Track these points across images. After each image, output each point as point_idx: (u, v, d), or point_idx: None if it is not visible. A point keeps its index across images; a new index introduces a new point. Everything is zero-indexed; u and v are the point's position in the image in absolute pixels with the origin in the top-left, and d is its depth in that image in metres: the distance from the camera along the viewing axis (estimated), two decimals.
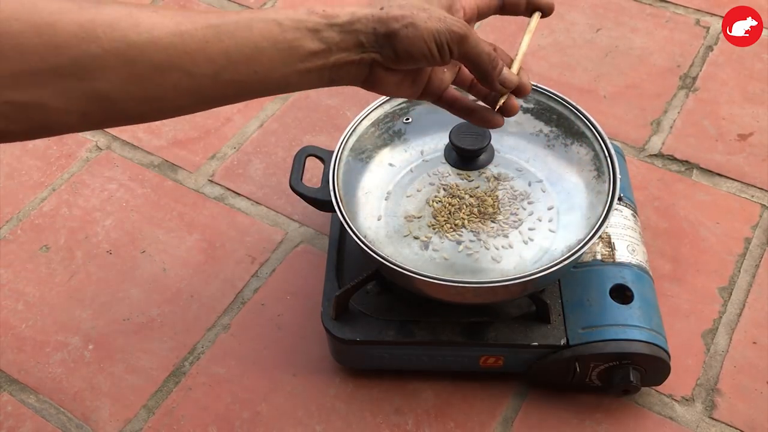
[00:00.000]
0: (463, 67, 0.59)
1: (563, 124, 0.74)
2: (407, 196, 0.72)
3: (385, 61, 0.52)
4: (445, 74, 0.58)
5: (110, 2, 0.47)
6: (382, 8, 0.51)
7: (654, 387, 0.72)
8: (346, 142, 0.72)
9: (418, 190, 0.72)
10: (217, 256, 0.84)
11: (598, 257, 0.71)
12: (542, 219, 0.69)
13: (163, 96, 0.48)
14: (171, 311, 0.80)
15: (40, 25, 0.44)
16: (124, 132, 0.97)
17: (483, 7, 0.58)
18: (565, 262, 0.62)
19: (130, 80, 0.46)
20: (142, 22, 0.46)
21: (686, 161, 0.90)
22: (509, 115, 0.59)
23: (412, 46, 0.51)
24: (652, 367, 0.67)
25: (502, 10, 0.59)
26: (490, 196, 0.71)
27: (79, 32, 0.44)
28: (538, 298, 0.67)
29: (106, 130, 0.97)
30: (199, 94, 0.49)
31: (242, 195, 0.90)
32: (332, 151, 0.72)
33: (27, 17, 0.44)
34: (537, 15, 0.59)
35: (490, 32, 1.06)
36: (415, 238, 0.68)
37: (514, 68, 0.57)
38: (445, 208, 0.70)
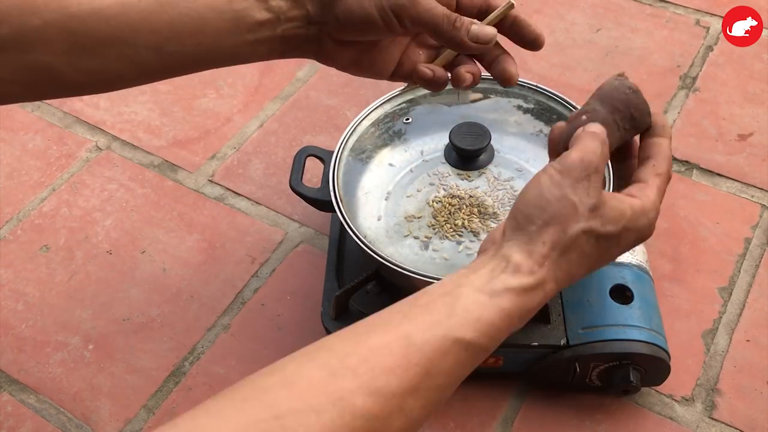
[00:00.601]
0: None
1: None
2: (407, 196, 0.72)
3: (331, 31, 0.51)
4: (419, 55, 0.56)
5: None
6: None
7: (654, 387, 0.72)
8: (346, 142, 0.72)
9: (418, 190, 0.72)
10: (217, 256, 0.84)
11: None
12: None
13: (107, 68, 0.48)
14: (171, 311, 0.80)
15: None
16: (124, 132, 0.97)
17: None
18: None
19: (72, 52, 0.46)
20: None
21: (686, 161, 0.90)
22: (508, 83, 0.56)
23: (352, 13, 0.49)
24: (652, 367, 0.67)
25: None
26: (490, 196, 0.71)
27: (19, 3, 0.44)
28: None
29: (106, 130, 0.97)
30: (144, 66, 0.48)
31: (242, 195, 0.90)
32: (332, 151, 0.72)
33: None
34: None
35: None
36: (415, 238, 0.68)
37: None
38: (445, 208, 0.70)
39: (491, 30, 0.53)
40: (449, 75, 0.56)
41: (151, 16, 0.46)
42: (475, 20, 0.53)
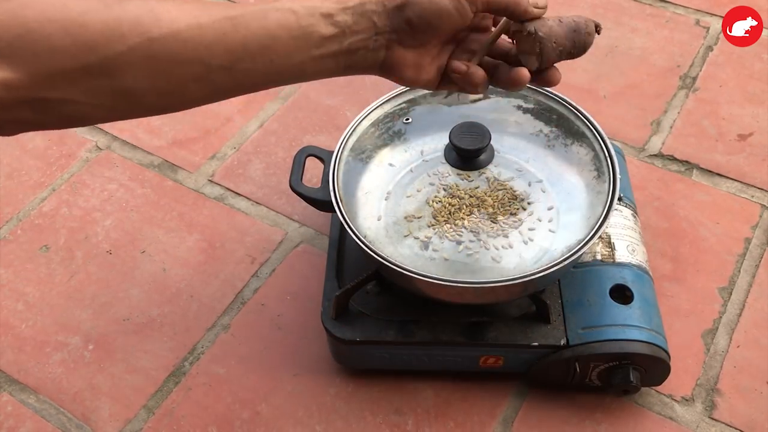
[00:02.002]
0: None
1: (563, 124, 0.74)
2: (407, 196, 0.72)
3: (400, 38, 0.52)
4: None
5: None
6: None
7: (654, 387, 0.72)
8: (346, 142, 0.72)
9: (418, 190, 0.72)
10: (217, 256, 0.84)
11: (598, 257, 0.71)
12: (542, 219, 0.69)
13: (184, 88, 0.49)
14: (171, 311, 0.80)
15: (70, 25, 0.45)
16: (124, 132, 0.97)
17: None
18: (565, 262, 0.62)
19: (153, 75, 0.47)
20: (163, 17, 0.47)
21: (686, 161, 0.90)
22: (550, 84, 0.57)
23: (425, 11, 0.51)
24: (652, 367, 0.67)
25: None
26: (490, 196, 0.71)
27: (105, 31, 0.45)
28: (538, 298, 0.67)
29: (106, 130, 0.97)
30: (217, 85, 0.50)
31: (242, 195, 0.90)
32: (332, 151, 0.72)
33: (58, 17, 0.45)
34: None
35: None
36: (415, 238, 0.68)
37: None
38: (445, 208, 0.70)
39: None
40: (484, 74, 0.57)
41: (225, 36, 0.48)
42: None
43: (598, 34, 0.56)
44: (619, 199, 0.74)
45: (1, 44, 0.44)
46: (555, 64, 0.56)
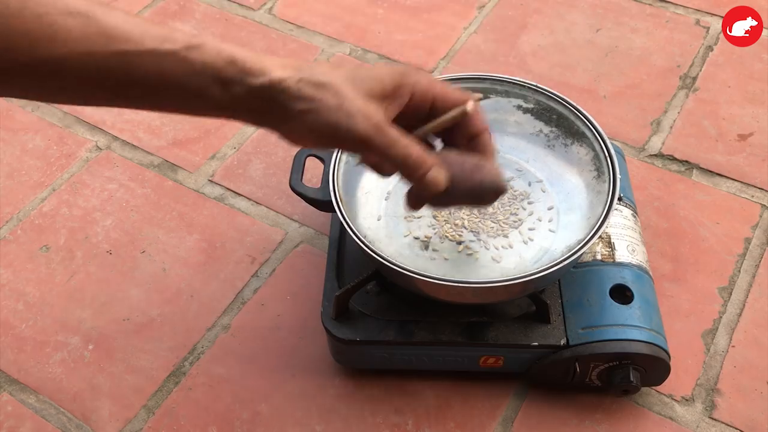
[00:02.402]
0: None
1: (563, 124, 0.74)
2: None
3: (282, 133, 0.50)
4: None
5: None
6: (300, 80, 0.48)
7: (654, 387, 0.72)
8: None
9: None
10: (217, 256, 0.84)
11: (598, 257, 0.71)
12: (542, 219, 0.69)
13: (72, 99, 0.48)
14: (171, 311, 0.80)
15: (2, 19, 0.43)
16: (124, 132, 0.97)
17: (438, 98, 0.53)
18: (565, 262, 0.62)
19: (40, 84, 0.46)
20: (69, 34, 0.44)
21: (686, 161, 0.90)
22: (425, 196, 0.54)
23: (310, 133, 0.49)
24: (652, 367, 0.67)
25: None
26: None
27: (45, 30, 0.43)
28: (538, 298, 0.67)
29: (106, 130, 0.97)
30: (100, 103, 0.49)
31: (242, 195, 0.90)
32: (332, 151, 0.72)
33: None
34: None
35: (490, 32, 1.06)
36: (415, 238, 0.68)
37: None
38: None
39: (442, 182, 0.52)
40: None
41: (117, 70, 0.46)
42: (437, 163, 0.52)
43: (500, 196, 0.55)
44: (619, 199, 0.74)
45: None
46: None
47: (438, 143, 0.57)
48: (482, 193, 0.54)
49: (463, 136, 0.55)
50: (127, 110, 0.98)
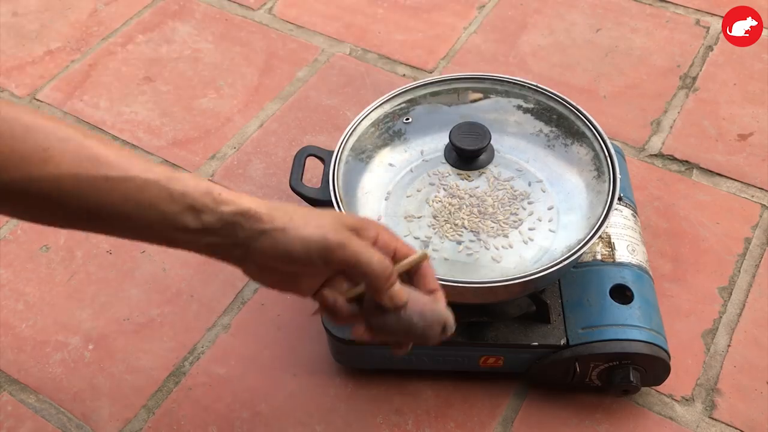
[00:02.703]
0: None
1: (563, 124, 0.74)
2: (407, 196, 0.72)
3: (253, 257, 0.52)
4: (342, 283, 0.56)
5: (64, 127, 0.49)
6: (270, 207, 0.51)
7: (654, 387, 0.72)
8: (346, 142, 0.72)
9: (418, 190, 0.72)
10: None
11: (598, 257, 0.71)
12: (542, 219, 0.69)
13: (50, 221, 0.51)
14: (171, 311, 0.80)
15: None
16: (124, 132, 0.97)
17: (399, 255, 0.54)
18: (565, 262, 0.62)
19: (24, 209, 0.49)
20: (52, 160, 0.47)
21: (686, 161, 0.90)
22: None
23: (276, 250, 0.50)
24: (652, 367, 0.67)
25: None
26: (490, 196, 0.71)
27: (11, 155, 0.46)
28: (538, 298, 0.67)
29: (105, 130, 0.97)
30: (78, 226, 0.52)
31: None
32: (332, 151, 0.72)
33: None
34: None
35: (490, 32, 1.06)
36: (415, 238, 0.68)
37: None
38: (445, 208, 0.70)
39: (404, 297, 0.52)
40: (349, 312, 0.56)
41: (98, 193, 0.48)
42: (399, 277, 0.53)
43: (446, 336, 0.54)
44: (619, 199, 0.74)
45: None
46: None
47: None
48: (431, 326, 0.53)
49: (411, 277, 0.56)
50: (128, 110, 0.99)
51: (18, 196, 0.48)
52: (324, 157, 0.76)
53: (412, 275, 0.54)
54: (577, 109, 0.73)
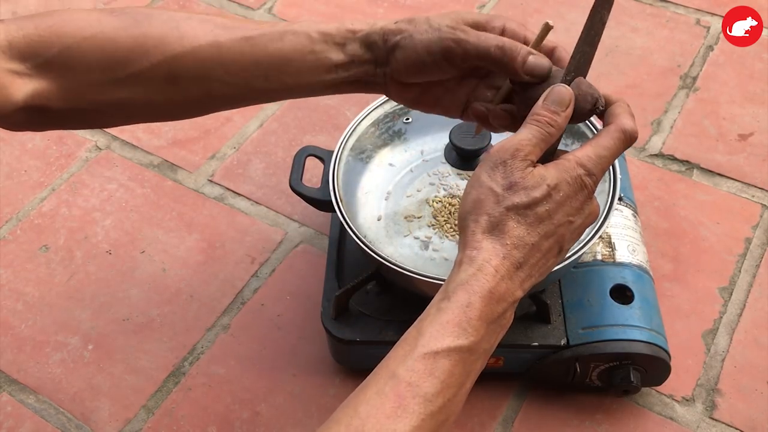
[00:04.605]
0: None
1: None
2: (407, 196, 0.72)
3: (394, 74, 0.53)
4: (487, 95, 0.56)
5: (162, 13, 0.51)
6: (396, 22, 0.53)
7: (654, 387, 0.72)
8: (346, 142, 0.72)
9: (418, 190, 0.72)
10: (217, 256, 0.84)
11: (599, 257, 0.71)
12: None
13: (199, 100, 0.53)
14: (171, 311, 0.80)
15: (104, 42, 0.49)
16: (124, 132, 0.97)
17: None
18: (565, 262, 0.62)
19: (170, 89, 0.51)
20: (186, 35, 0.50)
21: (686, 161, 0.90)
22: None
23: (408, 59, 0.52)
24: (653, 367, 0.67)
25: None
26: None
27: (135, 47, 0.49)
28: (538, 298, 0.67)
29: (105, 130, 0.97)
30: (229, 98, 0.54)
31: (242, 195, 0.90)
32: (332, 151, 0.72)
33: (94, 34, 0.49)
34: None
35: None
36: (415, 238, 0.68)
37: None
38: (445, 208, 0.70)
39: (546, 62, 0.53)
40: (504, 117, 0.56)
41: (242, 56, 0.51)
42: (534, 50, 0.53)
43: (598, 112, 0.55)
44: (620, 199, 0.74)
45: (40, 60, 0.48)
46: None
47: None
48: (585, 97, 0.55)
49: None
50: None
51: (164, 79, 0.50)
52: (324, 157, 0.76)
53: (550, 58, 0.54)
54: None
